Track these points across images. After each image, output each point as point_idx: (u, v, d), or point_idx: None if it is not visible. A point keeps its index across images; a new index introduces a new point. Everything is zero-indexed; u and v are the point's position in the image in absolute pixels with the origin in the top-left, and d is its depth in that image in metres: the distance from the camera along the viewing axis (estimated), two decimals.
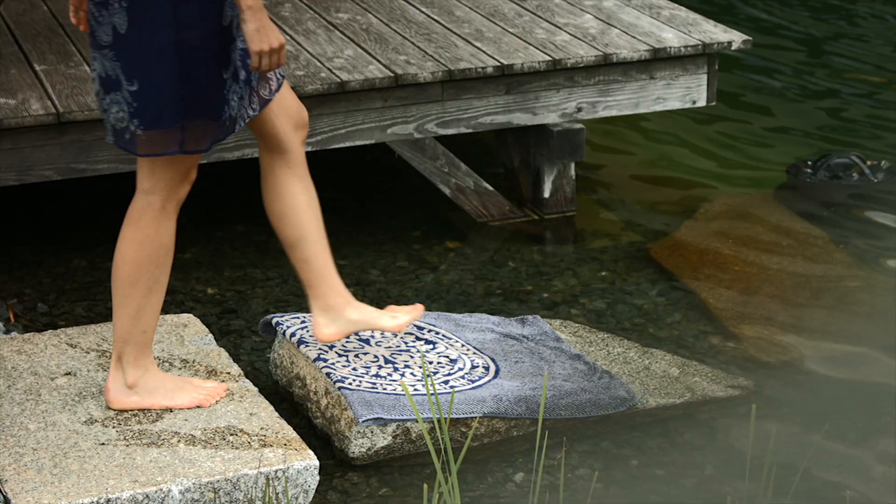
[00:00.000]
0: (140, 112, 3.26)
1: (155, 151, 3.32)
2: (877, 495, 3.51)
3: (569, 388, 3.75)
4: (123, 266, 3.45)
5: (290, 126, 3.56)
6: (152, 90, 3.24)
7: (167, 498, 3.18)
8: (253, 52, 3.20)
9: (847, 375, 4.09)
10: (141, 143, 3.30)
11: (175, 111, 3.26)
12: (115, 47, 3.24)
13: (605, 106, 4.99)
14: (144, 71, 3.23)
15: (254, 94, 3.41)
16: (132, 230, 3.44)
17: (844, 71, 6.82)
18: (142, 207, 3.43)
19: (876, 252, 4.88)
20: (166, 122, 3.26)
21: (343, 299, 3.70)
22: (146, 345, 3.48)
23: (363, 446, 3.55)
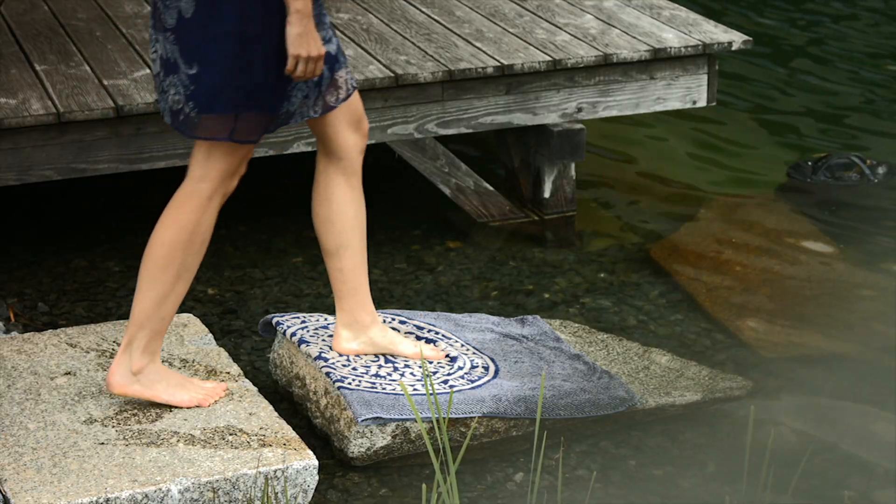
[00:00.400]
0: (196, 96, 3.33)
1: (206, 135, 3.38)
2: (877, 494, 3.51)
3: (568, 388, 3.75)
4: (159, 248, 3.45)
5: (351, 134, 3.61)
6: (209, 76, 3.31)
7: (166, 497, 3.19)
8: (291, 56, 3.25)
9: (847, 375, 4.09)
10: (195, 126, 3.36)
11: (230, 100, 3.32)
12: (178, 31, 3.31)
13: (605, 106, 4.99)
14: (203, 57, 3.30)
15: (320, 97, 3.46)
16: (175, 213, 3.46)
17: (865, 59, 6.83)
18: (190, 192, 3.47)
19: (876, 252, 4.88)
20: (220, 109, 3.33)
21: (370, 318, 3.74)
22: (160, 333, 3.47)
23: (362, 446, 3.56)
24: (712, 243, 4.89)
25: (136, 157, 4.54)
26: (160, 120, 4.51)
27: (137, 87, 4.57)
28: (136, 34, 5.08)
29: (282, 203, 5.25)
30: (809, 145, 5.89)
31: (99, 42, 5.00)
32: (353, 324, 3.74)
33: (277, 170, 5.49)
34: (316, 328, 3.92)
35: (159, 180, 5.30)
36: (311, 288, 4.60)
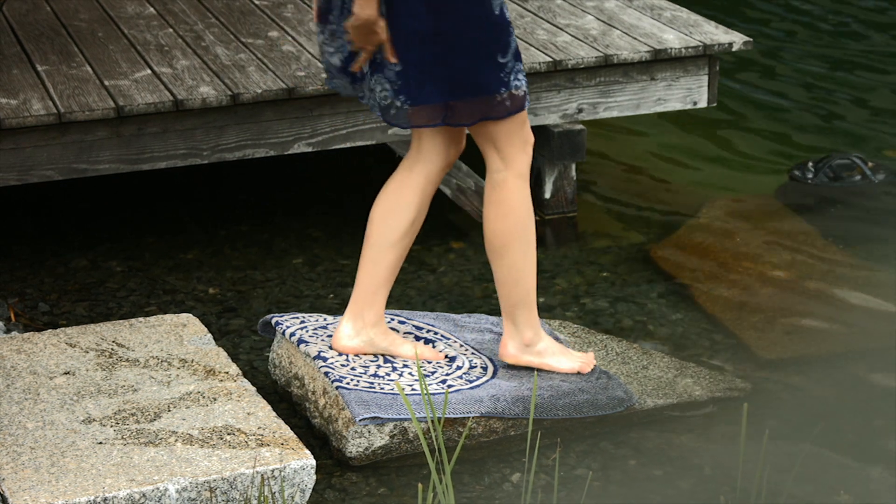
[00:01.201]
0: (404, 90, 3.50)
1: (421, 123, 3.56)
2: (873, 498, 3.51)
3: (566, 388, 3.75)
4: (494, 239, 3.72)
5: (453, 143, 3.73)
6: (413, 71, 3.46)
7: (164, 497, 3.19)
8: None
9: (845, 376, 4.09)
10: (408, 116, 3.52)
11: (438, 90, 3.50)
12: None
13: (605, 107, 5.00)
14: (405, 54, 3.45)
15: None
16: (491, 207, 3.69)
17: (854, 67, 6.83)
18: (502, 181, 3.66)
19: (876, 253, 4.88)
20: (430, 99, 3.50)
21: (375, 318, 3.80)
22: (531, 305, 3.76)
23: (360, 446, 3.56)
24: (713, 244, 4.89)
25: (137, 157, 4.55)
26: (161, 120, 4.52)
27: (138, 87, 4.58)
28: (138, 35, 5.09)
29: (284, 204, 5.26)
30: (811, 146, 5.88)
31: (100, 42, 5.01)
32: (358, 319, 3.78)
33: (280, 171, 5.50)
34: (315, 328, 3.93)
35: (161, 181, 5.34)
36: (311, 289, 4.61)
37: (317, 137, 4.70)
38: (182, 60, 4.83)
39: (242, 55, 4.89)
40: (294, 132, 4.68)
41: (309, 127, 4.68)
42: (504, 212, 3.66)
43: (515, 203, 3.66)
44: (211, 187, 5.40)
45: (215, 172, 5.39)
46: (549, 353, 3.82)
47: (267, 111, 4.63)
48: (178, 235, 4.98)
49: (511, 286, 3.74)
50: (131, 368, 3.70)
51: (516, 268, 3.72)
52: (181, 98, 4.50)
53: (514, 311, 3.76)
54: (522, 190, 3.67)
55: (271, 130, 4.65)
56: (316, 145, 4.72)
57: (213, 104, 4.52)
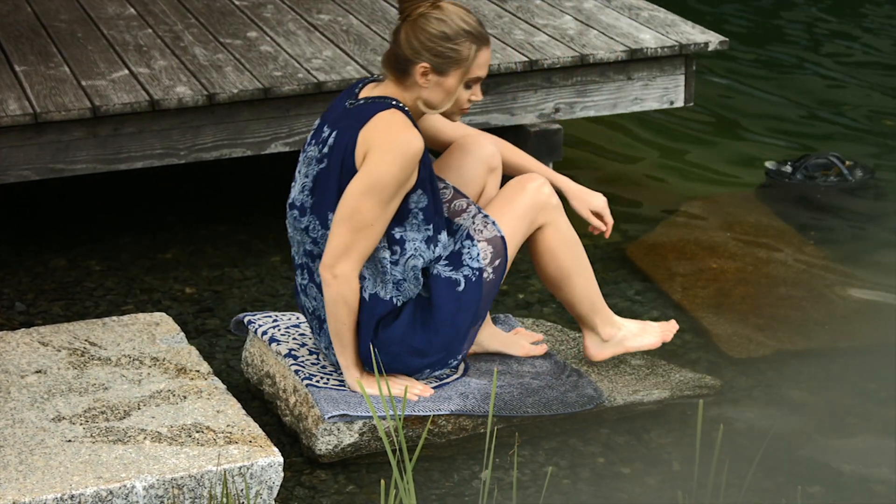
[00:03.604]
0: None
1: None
2: (844, 491, 3.53)
3: (536, 385, 3.77)
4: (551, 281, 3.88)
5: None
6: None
7: (131, 494, 3.21)
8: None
9: (819, 374, 4.11)
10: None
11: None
12: None
13: (582, 107, 5.02)
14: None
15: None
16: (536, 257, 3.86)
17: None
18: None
19: (852, 252, 4.90)
20: None
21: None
22: (602, 307, 3.90)
23: (330, 444, 3.58)
24: (689, 243, 4.91)
25: (113, 157, 4.57)
26: (138, 120, 4.54)
27: (115, 87, 4.60)
28: (117, 35, 5.11)
29: (262, 203, 5.28)
30: (788, 145, 5.91)
31: (79, 43, 5.03)
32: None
33: (258, 170, 5.52)
34: (287, 327, 3.95)
35: (137, 180, 5.36)
36: (287, 288, 4.62)
37: (294, 137, 4.72)
38: (160, 61, 4.85)
39: (220, 55, 4.91)
40: (271, 132, 4.70)
41: (286, 127, 4.70)
42: (548, 258, 3.81)
43: (557, 244, 3.80)
44: (190, 187, 5.42)
45: (197, 172, 5.41)
46: (630, 338, 3.94)
47: (244, 111, 4.65)
48: (157, 235, 5.00)
49: (579, 304, 3.87)
50: (103, 367, 3.72)
51: (578, 290, 3.86)
52: (157, 98, 4.52)
53: (588, 319, 3.90)
54: (557, 228, 3.79)
55: (248, 130, 4.67)
56: (293, 145, 4.73)
57: (190, 104, 4.54)
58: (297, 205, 3.61)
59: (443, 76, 3.51)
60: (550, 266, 3.83)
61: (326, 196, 3.53)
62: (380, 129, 3.46)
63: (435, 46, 3.47)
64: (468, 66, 3.51)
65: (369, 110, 3.50)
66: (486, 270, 3.66)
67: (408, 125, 3.48)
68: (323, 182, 3.54)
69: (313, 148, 3.59)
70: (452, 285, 3.61)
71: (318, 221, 3.57)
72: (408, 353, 3.62)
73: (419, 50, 3.48)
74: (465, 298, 3.62)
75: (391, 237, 3.55)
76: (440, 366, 3.70)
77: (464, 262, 3.63)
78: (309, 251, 3.62)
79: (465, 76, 3.52)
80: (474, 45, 3.50)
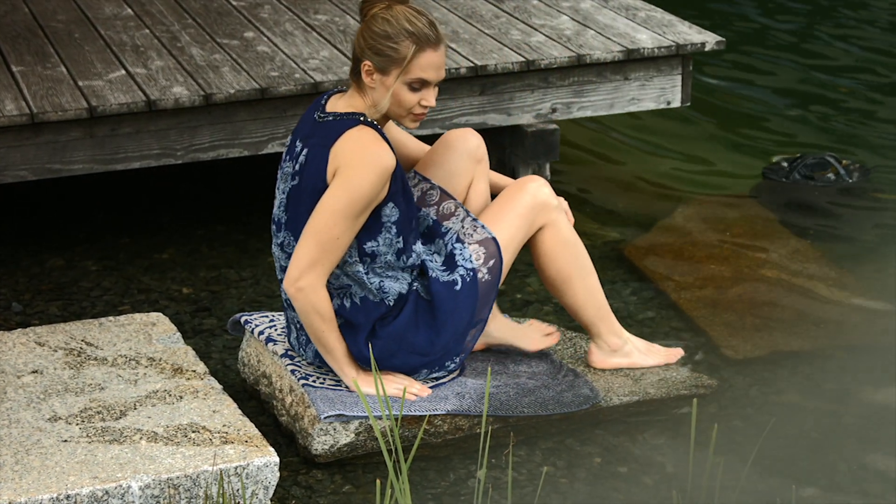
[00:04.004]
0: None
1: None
2: (834, 494, 3.54)
3: (532, 385, 3.78)
4: (552, 281, 3.90)
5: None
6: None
7: (126, 494, 3.22)
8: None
9: (815, 374, 4.11)
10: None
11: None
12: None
13: (579, 107, 5.02)
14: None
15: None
16: (537, 258, 3.89)
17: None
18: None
19: (849, 252, 4.90)
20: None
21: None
22: (608, 315, 3.94)
23: (326, 443, 3.59)
24: (686, 243, 4.91)
25: (111, 157, 4.58)
26: (134, 121, 4.55)
27: (112, 87, 4.61)
28: (115, 35, 5.11)
29: (259, 204, 5.28)
30: (785, 145, 5.91)
31: (76, 43, 5.03)
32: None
33: (255, 170, 5.52)
34: (284, 327, 3.95)
35: (134, 181, 5.36)
36: None
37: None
38: (157, 61, 4.85)
39: (217, 55, 4.91)
40: (268, 132, 4.70)
41: (283, 127, 4.71)
42: (548, 259, 3.83)
43: (556, 245, 3.81)
44: (187, 188, 5.42)
45: (194, 172, 5.41)
46: (636, 353, 3.99)
47: (240, 111, 4.65)
48: (154, 235, 5.01)
49: (582, 309, 3.89)
50: (99, 367, 3.72)
51: (581, 295, 3.87)
52: (154, 98, 4.52)
53: (594, 325, 3.93)
54: (557, 229, 3.81)
55: (245, 131, 4.68)
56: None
57: (186, 104, 4.54)
58: (275, 220, 3.66)
59: (385, 75, 3.51)
60: (550, 268, 3.83)
61: (299, 212, 3.56)
62: (349, 146, 3.47)
63: (375, 44, 3.49)
64: (406, 66, 3.49)
65: (338, 127, 3.51)
66: (481, 271, 3.66)
67: (377, 140, 3.49)
68: (295, 198, 3.57)
69: (288, 164, 3.62)
70: (450, 286, 3.63)
71: (293, 237, 3.59)
72: (408, 351, 3.63)
73: (364, 48, 3.51)
74: (461, 297, 3.63)
75: (362, 251, 3.57)
76: (438, 367, 3.70)
77: (458, 263, 3.64)
78: (285, 267, 3.64)
79: (405, 76, 3.50)
80: (415, 45, 3.48)
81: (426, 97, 3.53)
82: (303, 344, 3.73)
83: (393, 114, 3.56)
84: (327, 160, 3.48)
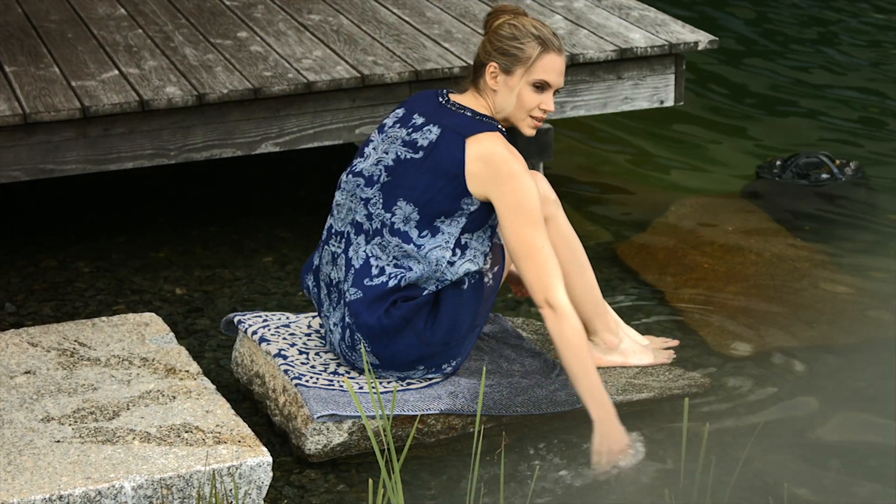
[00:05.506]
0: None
1: None
2: (826, 493, 3.54)
3: (525, 384, 3.78)
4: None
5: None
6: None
7: (119, 494, 3.21)
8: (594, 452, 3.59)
9: (807, 372, 4.11)
10: None
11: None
12: None
13: (573, 106, 5.02)
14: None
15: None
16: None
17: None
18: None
19: (842, 251, 4.90)
20: None
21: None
22: (605, 313, 4.00)
23: (319, 443, 3.59)
24: (680, 242, 4.91)
25: (104, 157, 4.57)
26: (127, 121, 4.55)
27: (105, 88, 4.60)
28: (108, 35, 5.11)
29: (253, 203, 5.28)
30: (778, 144, 5.91)
31: (70, 43, 5.03)
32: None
33: (249, 170, 5.52)
34: (277, 326, 3.95)
35: (128, 181, 5.36)
36: (279, 287, 4.63)
37: (284, 137, 4.73)
38: (150, 61, 4.85)
39: (210, 55, 4.91)
40: (261, 132, 4.70)
41: (276, 127, 4.71)
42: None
43: (553, 240, 3.78)
44: (181, 188, 5.42)
45: (188, 172, 5.41)
46: (631, 352, 4.03)
47: (234, 111, 4.65)
48: (148, 235, 5.01)
49: (579, 305, 3.85)
50: (92, 367, 3.72)
51: (577, 291, 3.89)
52: (147, 98, 4.52)
53: (590, 322, 3.95)
54: (556, 224, 3.85)
55: (238, 130, 4.68)
56: (283, 145, 4.74)
57: (179, 104, 4.54)
58: (366, 175, 3.69)
59: (509, 75, 3.64)
60: None
61: (407, 183, 3.62)
62: (497, 157, 3.58)
63: (502, 45, 3.64)
64: (531, 65, 3.62)
65: (475, 125, 3.63)
66: (487, 275, 3.70)
67: (512, 147, 3.65)
68: (409, 169, 3.63)
69: (401, 130, 3.69)
70: (458, 284, 3.66)
71: (384, 201, 3.64)
72: (409, 336, 3.64)
73: (490, 52, 3.66)
74: (466, 297, 3.67)
75: (458, 241, 3.63)
76: (434, 367, 3.71)
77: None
78: (358, 223, 3.68)
79: (528, 75, 3.62)
80: (540, 46, 3.63)
81: (546, 101, 3.66)
82: (334, 302, 3.74)
83: (513, 117, 3.68)
84: (464, 150, 3.59)
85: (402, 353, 3.67)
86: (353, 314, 3.65)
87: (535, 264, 3.58)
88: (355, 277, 3.66)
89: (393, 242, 3.62)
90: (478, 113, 3.67)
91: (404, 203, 3.62)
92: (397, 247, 3.62)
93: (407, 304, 3.65)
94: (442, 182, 3.59)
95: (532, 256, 3.57)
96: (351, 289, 3.66)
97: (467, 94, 3.73)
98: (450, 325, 3.66)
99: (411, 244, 3.61)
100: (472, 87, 3.72)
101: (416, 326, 3.65)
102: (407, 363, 3.69)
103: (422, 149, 3.63)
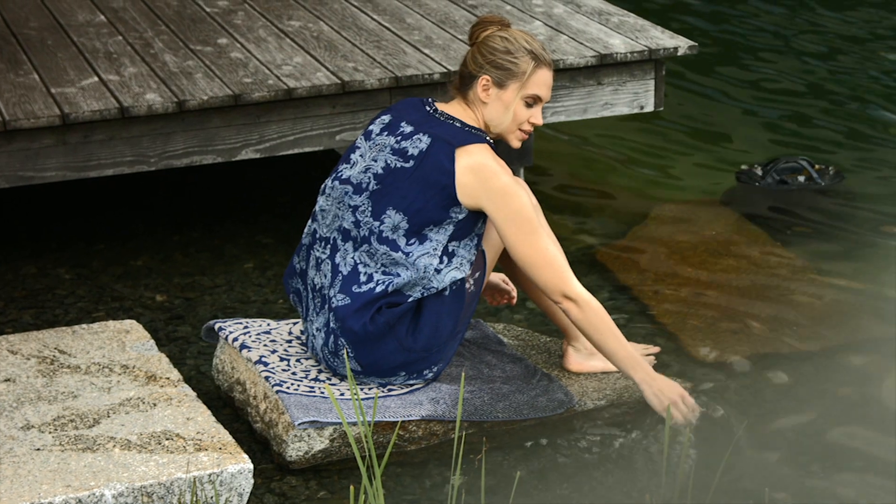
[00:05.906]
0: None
1: None
2: (810, 497, 3.55)
3: (506, 390, 3.78)
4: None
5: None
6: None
7: (100, 502, 3.21)
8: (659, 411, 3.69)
9: (788, 376, 4.12)
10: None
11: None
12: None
13: (552, 112, 5.03)
14: None
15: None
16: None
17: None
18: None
19: (822, 255, 4.92)
20: None
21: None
22: None
23: (300, 450, 3.58)
24: (660, 247, 4.92)
25: (83, 164, 4.56)
26: (107, 127, 4.54)
27: (85, 95, 4.59)
28: (87, 42, 5.10)
29: (233, 210, 5.28)
30: (758, 149, 5.93)
31: (49, 50, 5.02)
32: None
33: (231, 176, 5.52)
34: (258, 333, 3.95)
35: (108, 188, 5.35)
36: (259, 294, 4.63)
37: (264, 143, 4.72)
38: (130, 68, 4.85)
39: (190, 62, 4.91)
40: (241, 138, 4.70)
41: (256, 133, 4.70)
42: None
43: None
44: (161, 195, 5.41)
45: (170, 178, 5.41)
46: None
47: (214, 118, 4.65)
48: (128, 242, 5.00)
49: (559, 311, 3.87)
50: (72, 375, 3.71)
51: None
52: (127, 105, 4.51)
53: (571, 328, 3.94)
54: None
55: (218, 137, 4.67)
56: (263, 151, 4.73)
57: (159, 111, 4.54)
58: (354, 183, 3.69)
59: (502, 89, 3.66)
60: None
61: (397, 192, 3.63)
62: (487, 170, 3.61)
63: (496, 59, 3.65)
64: (525, 80, 3.64)
65: (465, 136, 3.63)
66: (469, 281, 3.70)
67: (500, 160, 3.67)
68: (398, 177, 3.64)
69: (388, 138, 3.69)
70: (440, 290, 3.66)
71: (373, 209, 3.64)
72: (391, 342, 3.64)
73: (482, 64, 3.66)
74: (447, 303, 3.67)
75: (445, 248, 3.64)
76: (415, 372, 3.71)
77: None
78: (346, 230, 3.68)
79: (523, 90, 3.65)
80: (533, 61, 3.65)
81: (535, 115, 3.70)
82: (317, 308, 3.75)
83: (505, 131, 3.71)
84: (454, 160, 3.59)
85: (384, 359, 3.68)
86: (339, 319, 3.65)
87: (548, 268, 3.63)
88: (343, 284, 3.66)
89: (381, 250, 3.63)
90: (466, 124, 3.68)
91: (393, 212, 3.62)
92: (385, 255, 3.63)
93: (391, 310, 3.65)
94: (432, 192, 3.60)
95: (544, 262, 3.63)
96: (338, 295, 3.66)
97: (454, 104, 3.73)
98: (431, 331, 3.67)
99: (399, 252, 3.62)
100: (460, 96, 3.72)
101: (398, 333, 3.65)
102: (389, 369, 3.70)
103: (412, 158, 3.64)
